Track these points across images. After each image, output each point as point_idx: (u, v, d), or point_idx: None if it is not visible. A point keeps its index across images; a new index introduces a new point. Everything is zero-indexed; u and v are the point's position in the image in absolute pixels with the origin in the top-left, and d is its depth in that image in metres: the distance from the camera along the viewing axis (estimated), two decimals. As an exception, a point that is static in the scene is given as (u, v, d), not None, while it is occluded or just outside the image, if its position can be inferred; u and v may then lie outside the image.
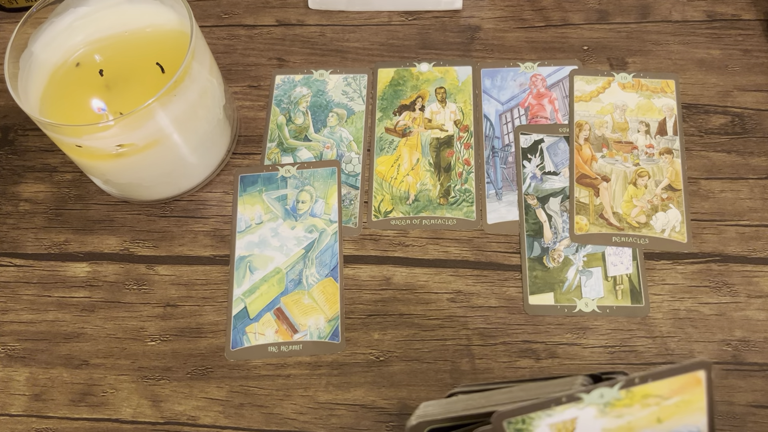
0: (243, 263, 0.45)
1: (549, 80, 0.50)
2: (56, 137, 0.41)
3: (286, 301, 0.44)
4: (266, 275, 0.45)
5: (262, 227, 0.46)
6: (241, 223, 0.46)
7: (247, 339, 0.43)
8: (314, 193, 0.47)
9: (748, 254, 0.43)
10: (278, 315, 0.44)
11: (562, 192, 0.46)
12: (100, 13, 0.45)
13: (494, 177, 0.47)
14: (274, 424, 0.41)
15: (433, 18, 0.54)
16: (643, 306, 0.42)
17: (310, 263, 0.45)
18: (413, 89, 0.51)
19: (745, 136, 0.47)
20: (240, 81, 0.52)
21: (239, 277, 0.45)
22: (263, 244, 0.46)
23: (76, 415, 0.42)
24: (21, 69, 0.43)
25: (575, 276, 0.43)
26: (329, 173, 0.48)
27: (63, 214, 0.48)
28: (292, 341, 0.43)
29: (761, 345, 0.41)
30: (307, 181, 0.48)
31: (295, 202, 0.47)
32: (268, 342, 0.43)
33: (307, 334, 0.43)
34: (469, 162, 0.47)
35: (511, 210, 0.46)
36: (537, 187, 0.46)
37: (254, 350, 0.43)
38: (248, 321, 0.44)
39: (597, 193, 0.46)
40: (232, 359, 0.43)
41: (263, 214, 0.47)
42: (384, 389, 0.41)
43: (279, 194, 0.47)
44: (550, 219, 0.45)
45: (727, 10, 0.52)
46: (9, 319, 0.45)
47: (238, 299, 0.44)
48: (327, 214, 0.46)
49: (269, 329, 0.43)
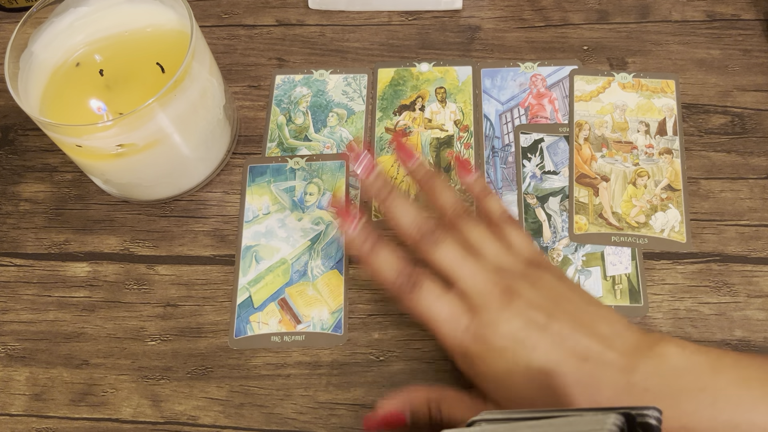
0: (249, 253, 0.45)
1: (549, 80, 0.50)
2: (56, 137, 0.41)
3: (291, 291, 0.44)
4: (272, 265, 0.45)
5: (270, 218, 0.46)
6: (248, 213, 0.47)
7: (251, 328, 0.43)
8: (322, 186, 0.47)
9: (748, 254, 0.43)
10: (282, 305, 0.44)
11: (562, 191, 0.46)
12: (100, 13, 0.45)
13: (494, 177, 0.47)
14: (275, 424, 0.41)
15: (433, 18, 0.54)
16: (641, 306, 0.42)
17: (315, 255, 0.45)
18: (413, 89, 0.51)
19: (745, 136, 0.47)
20: (240, 81, 0.52)
21: (245, 266, 0.45)
22: (270, 235, 0.46)
23: (76, 415, 0.42)
24: (21, 69, 0.43)
25: (574, 275, 0.43)
26: (338, 166, 0.48)
27: (63, 214, 0.48)
28: (295, 332, 0.43)
29: (761, 345, 0.41)
30: (316, 173, 0.48)
31: (302, 194, 0.47)
32: (271, 332, 0.43)
33: (310, 325, 0.43)
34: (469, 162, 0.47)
35: (511, 210, 0.46)
36: (537, 187, 0.46)
37: (257, 339, 0.43)
38: (252, 310, 0.44)
39: (596, 193, 0.46)
40: (235, 347, 0.43)
41: (271, 204, 0.47)
42: (384, 389, 0.41)
43: (287, 185, 0.47)
44: (549, 218, 0.45)
45: (727, 10, 0.52)
46: (9, 319, 0.45)
47: (243, 288, 0.44)
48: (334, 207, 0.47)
49: (273, 319, 0.43)
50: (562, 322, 0.35)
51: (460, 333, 0.36)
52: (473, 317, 0.36)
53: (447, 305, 0.37)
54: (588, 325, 0.35)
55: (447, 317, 0.37)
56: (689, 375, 0.33)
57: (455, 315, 0.36)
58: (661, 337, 0.35)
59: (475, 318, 0.36)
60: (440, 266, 0.38)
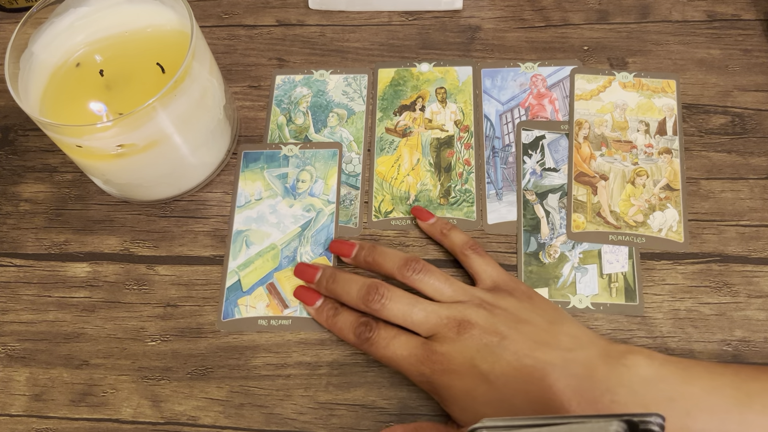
0: (240, 237, 0.46)
1: (549, 80, 0.50)
2: (56, 137, 0.41)
3: (279, 276, 0.45)
4: (262, 250, 0.45)
5: (261, 203, 0.47)
6: (240, 198, 0.47)
7: (239, 311, 0.44)
8: (314, 173, 0.48)
9: (748, 254, 0.43)
10: (270, 290, 0.44)
11: (561, 189, 0.46)
12: (101, 13, 0.45)
13: (494, 177, 0.47)
14: (275, 424, 0.41)
15: (433, 18, 0.54)
16: (637, 304, 0.42)
17: (305, 241, 0.46)
18: (413, 89, 0.51)
19: (745, 136, 0.47)
20: (240, 81, 0.52)
21: (235, 250, 0.46)
22: (261, 220, 0.46)
23: (76, 415, 0.42)
24: (21, 69, 0.43)
25: (570, 272, 0.43)
26: (330, 155, 0.48)
27: (63, 214, 0.48)
28: (282, 316, 0.43)
29: (761, 345, 0.41)
30: (309, 161, 0.48)
31: (295, 181, 0.48)
32: (258, 315, 0.44)
33: (296, 310, 0.44)
34: (469, 162, 0.47)
35: (512, 210, 0.46)
36: (536, 183, 0.46)
37: (244, 322, 0.43)
38: (241, 293, 0.44)
39: (595, 192, 0.46)
40: (222, 329, 0.43)
41: (263, 190, 0.48)
42: (384, 389, 0.41)
43: (280, 172, 0.48)
44: (548, 215, 0.45)
45: (727, 10, 0.52)
46: (9, 319, 0.45)
47: (233, 272, 0.45)
48: (325, 195, 0.47)
49: (260, 303, 0.44)
50: (518, 342, 0.36)
51: (421, 367, 0.38)
52: (429, 352, 0.38)
53: (404, 344, 0.38)
54: (547, 343, 0.36)
55: (405, 354, 0.38)
56: (659, 385, 0.34)
57: (413, 351, 0.38)
58: (629, 349, 0.35)
59: (432, 352, 0.37)
60: (394, 321, 0.39)
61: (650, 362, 0.34)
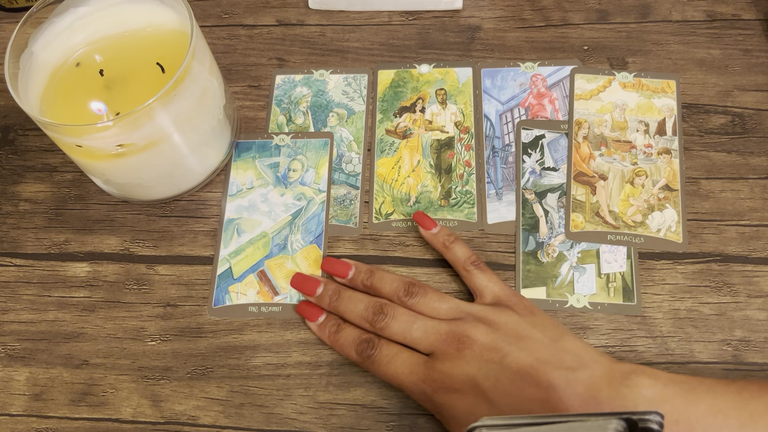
0: (231, 225, 0.46)
1: (549, 80, 0.50)
2: (56, 137, 0.41)
3: (270, 264, 0.45)
4: (253, 238, 0.46)
5: (253, 192, 0.47)
6: (232, 187, 0.48)
7: (229, 298, 0.44)
8: (306, 163, 0.48)
9: (748, 254, 0.43)
10: (261, 277, 0.45)
11: (560, 188, 0.46)
12: (100, 13, 0.45)
13: (494, 177, 0.47)
14: (275, 424, 0.41)
15: (433, 18, 0.54)
16: (635, 304, 0.42)
17: (296, 229, 0.46)
18: (413, 91, 0.51)
19: (745, 136, 0.47)
20: (240, 81, 0.52)
21: (227, 238, 0.46)
22: (252, 209, 0.47)
23: (76, 415, 0.42)
24: (21, 69, 0.43)
25: (568, 272, 0.43)
26: (322, 144, 0.49)
27: (63, 214, 0.48)
28: (272, 303, 0.44)
29: (761, 345, 0.41)
30: (300, 150, 0.49)
31: (286, 170, 0.48)
32: (249, 302, 0.44)
33: (287, 297, 0.44)
34: (469, 163, 0.47)
35: (511, 210, 0.46)
36: (535, 182, 0.46)
37: (235, 309, 0.44)
38: (232, 281, 0.45)
39: (594, 191, 0.46)
40: (213, 316, 0.43)
41: (255, 179, 0.48)
42: (384, 389, 0.41)
43: (271, 161, 0.48)
44: (546, 214, 0.45)
45: (727, 10, 0.52)
46: (9, 319, 0.45)
47: (224, 259, 0.45)
48: (316, 184, 0.47)
49: (251, 290, 0.44)
50: (520, 360, 0.36)
51: (422, 385, 0.38)
52: (430, 370, 0.38)
53: (406, 361, 0.39)
54: (549, 361, 0.36)
55: (406, 372, 0.38)
56: (663, 407, 0.34)
57: (414, 369, 0.38)
58: (632, 369, 0.35)
59: (432, 370, 0.38)
60: (396, 339, 0.40)
61: (654, 382, 0.34)
